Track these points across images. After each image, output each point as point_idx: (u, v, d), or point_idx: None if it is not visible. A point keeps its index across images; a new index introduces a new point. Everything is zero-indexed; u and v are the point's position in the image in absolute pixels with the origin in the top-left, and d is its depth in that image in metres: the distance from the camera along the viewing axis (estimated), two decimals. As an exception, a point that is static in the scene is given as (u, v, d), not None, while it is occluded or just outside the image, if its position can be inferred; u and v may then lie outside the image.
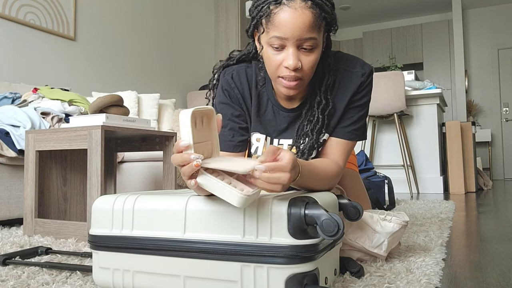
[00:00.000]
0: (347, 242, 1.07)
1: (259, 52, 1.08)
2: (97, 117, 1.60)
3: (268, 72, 1.06)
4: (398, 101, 3.59)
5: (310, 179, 0.95)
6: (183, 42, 4.90)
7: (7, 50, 2.88)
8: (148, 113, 3.26)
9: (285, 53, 0.99)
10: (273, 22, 0.97)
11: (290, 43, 0.97)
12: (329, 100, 1.10)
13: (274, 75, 1.04)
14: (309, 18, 0.95)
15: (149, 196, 0.90)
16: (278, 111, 1.16)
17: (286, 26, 0.95)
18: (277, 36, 0.97)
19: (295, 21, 0.95)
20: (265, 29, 1.00)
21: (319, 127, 1.10)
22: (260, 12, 1.00)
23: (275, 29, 0.97)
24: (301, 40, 0.97)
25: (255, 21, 1.03)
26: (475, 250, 1.32)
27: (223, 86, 1.19)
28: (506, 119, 6.78)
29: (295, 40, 0.96)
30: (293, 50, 0.98)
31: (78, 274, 1.03)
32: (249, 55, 1.19)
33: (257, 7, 1.01)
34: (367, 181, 2.51)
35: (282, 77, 1.02)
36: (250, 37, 1.11)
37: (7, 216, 1.94)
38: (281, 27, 0.96)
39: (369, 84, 1.13)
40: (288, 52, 0.98)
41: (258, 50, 1.08)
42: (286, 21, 0.95)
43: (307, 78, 1.04)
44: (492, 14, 6.94)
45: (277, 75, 1.03)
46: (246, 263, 0.77)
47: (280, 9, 0.96)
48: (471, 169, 3.86)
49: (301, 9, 0.95)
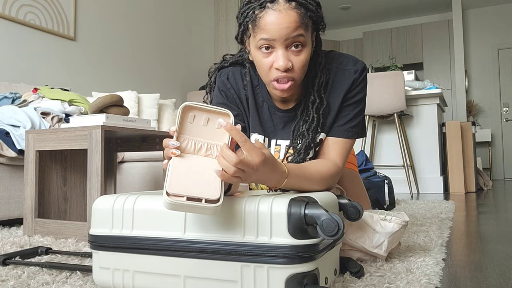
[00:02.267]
0: (347, 242, 1.07)
1: (249, 58, 1.09)
2: (97, 117, 1.60)
3: (261, 76, 1.07)
4: (398, 101, 3.59)
5: (302, 181, 0.95)
6: (183, 42, 4.90)
7: (7, 50, 2.88)
8: (148, 113, 3.26)
9: (274, 55, 1.00)
10: (259, 25, 0.98)
11: (278, 44, 0.98)
12: (323, 99, 1.11)
13: (266, 79, 1.05)
14: (294, 17, 0.96)
15: (149, 196, 0.90)
16: (274, 112, 1.16)
17: (272, 28, 0.96)
18: (265, 38, 0.98)
19: (280, 21, 0.96)
20: (251, 34, 1.01)
21: (314, 126, 1.10)
22: (246, 18, 1.01)
23: (261, 32, 0.98)
24: (288, 39, 0.97)
25: (242, 27, 1.05)
26: (475, 250, 1.32)
27: (220, 87, 1.20)
28: (506, 119, 6.78)
29: (282, 40, 0.97)
30: (282, 51, 0.98)
31: (78, 274, 1.03)
32: (241, 59, 1.21)
33: (243, 14, 1.03)
34: (367, 181, 2.51)
35: (275, 80, 1.02)
36: (240, 43, 1.12)
37: (7, 216, 1.94)
38: (267, 29, 0.97)
39: (362, 81, 1.13)
40: (278, 54, 0.99)
41: (250, 57, 1.08)
42: (272, 23, 0.96)
43: (299, 78, 1.04)
44: (492, 14, 6.94)
45: (269, 78, 1.03)
46: (246, 263, 0.77)
47: (265, 13, 0.97)
48: (471, 169, 3.86)
49: (285, 11, 0.96)
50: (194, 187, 0.74)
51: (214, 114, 0.80)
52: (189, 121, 0.79)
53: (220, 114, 0.80)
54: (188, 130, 0.79)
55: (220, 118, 0.80)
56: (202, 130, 0.80)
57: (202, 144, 0.80)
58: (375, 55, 7.44)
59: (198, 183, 0.75)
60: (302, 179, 0.96)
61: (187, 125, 0.79)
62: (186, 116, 0.79)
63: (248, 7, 1.01)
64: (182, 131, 0.79)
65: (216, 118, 0.81)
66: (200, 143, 0.81)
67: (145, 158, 2.48)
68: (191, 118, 0.79)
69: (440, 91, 3.79)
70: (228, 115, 0.80)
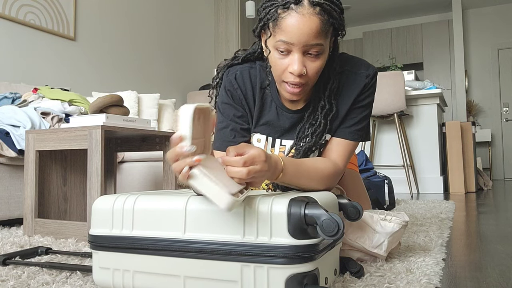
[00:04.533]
0: (347, 242, 1.07)
1: (265, 55, 1.08)
2: (97, 117, 1.60)
3: (274, 75, 1.06)
4: (398, 101, 3.59)
5: (299, 176, 0.96)
6: (183, 42, 4.90)
7: (7, 50, 2.88)
8: (148, 113, 3.26)
9: (290, 58, 0.99)
10: (280, 26, 0.96)
11: (296, 49, 0.97)
12: (332, 105, 1.10)
13: (279, 79, 1.04)
14: (316, 24, 0.94)
15: (149, 196, 0.90)
16: (282, 112, 1.15)
17: (293, 31, 0.94)
18: (284, 41, 0.96)
19: (302, 26, 0.94)
20: (272, 33, 1.00)
21: (320, 131, 1.09)
22: (268, 15, 0.99)
23: (281, 33, 0.96)
24: (307, 46, 0.96)
25: (262, 23, 1.02)
26: (475, 250, 1.32)
27: (226, 86, 1.18)
28: (506, 119, 6.78)
29: (301, 45, 0.96)
30: (299, 56, 0.97)
31: (78, 274, 1.03)
32: (254, 54, 1.19)
33: (265, 9, 1.00)
34: (367, 181, 2.51)
35: (286, 82, 1.02)
36: (256, 37, 1.11)
37: (7, 216, 1.94)
38: (287, 32, 0.95)
39: (373, 85, 1.13)
40: (294, 58, 0.98)
41: (265, 53, 1.07)
42: (293, 27, 0.94)
43: (312, 83, 1.04)
44: (492, 14, 6.94)
45: (282, 79, 1.03)
46: (246, 263, 0.77)
47: (287, 14, 0.95)
48: (471, 169, 3.86)
49: (309, 15, 0.94)
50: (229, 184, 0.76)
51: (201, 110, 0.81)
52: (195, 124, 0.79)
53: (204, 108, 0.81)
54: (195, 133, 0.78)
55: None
56: (199, 129, 0.80)
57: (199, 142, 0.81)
58: (375, 55, 7.44)
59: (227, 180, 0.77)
60: (299, 172, 0.96)
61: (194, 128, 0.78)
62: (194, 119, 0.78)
63: (272, 4, 0.98)
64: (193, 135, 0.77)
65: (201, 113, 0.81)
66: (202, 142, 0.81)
67: (145, 158, 2.48)
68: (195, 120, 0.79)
69: (440, 91, 3.79)
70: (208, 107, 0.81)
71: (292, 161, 0.95)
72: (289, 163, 0.93)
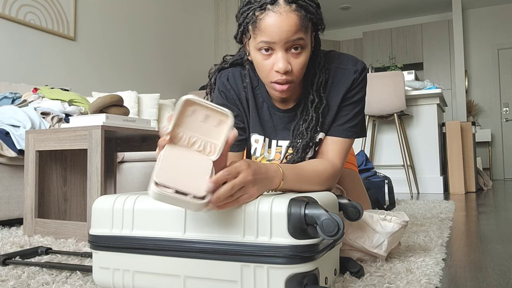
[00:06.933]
0: (347, 242, 1.07)
1: (249, 58, 1.09)
2: (97, 117, 1.60)
3: (260, 77, 1.07)
4: (398, 101, 3.59)
5: (300, 181, 0.96)
6: (183, 42, 4.90)
7: (7, 50, 2.88)
8: (148, 113, 3.26)
9: (274, 57, 1.00)
10: (260, 27, 0.98)
11: (278, 47, 0.98)
12: (322, 98, 1.11)
13: (266, 80, 1.05)
14: (294, 21, 0.96)
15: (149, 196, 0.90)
16: (274, 112, 1.16)
17: (273, 30, 0.96)
18: (265, 41, 0.98)
19: (281, 24, 0.95)
20: (252, 35, 1.01)
21: (313, 125, 1.10)
22: (246, 19, 1.01)
23: (262, 34, 0.98)
24: (288, 42, 0.97)
25: (242, 28, 1.04)
26: (475, 250, 1.32)
27: (219, 88, 1.20)
28: (506, 119, 6.78)
29: (282, 43, 0.97)
30: (282, 54, 0.98)
31: (78, 274, 1.03)
32: (241, 59, 1.21)
33: (243, 14, 1.02)
34: (367, 181, 2.51)
35: (274, 82, 1.02)
36: (239, 43, 1.12)
37: (7, 216, 1.94)
38: (267, 32, 0.96)
39: (362, 81, 1.13)
40: (278, 56, 0.99)
41: (249, 57, 1.08)
42: (272, 26, 0.96)
43: (298, 80, 1.04)
44: (492, 14, 6.94)
45: (269, 80, 1.03)
46: (246, 263, 0.77)
47: (265, 15, 0.97)
48: (471, 169, 3.86)
49: (286, 13, 0.96)
50: (182, 180, 0.74)
51: (214, 112, 0.80)
52: (187, 114, 0.79)
53: (220, 113, 0.80)
54: (185, 124, 0.79)
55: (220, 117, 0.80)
56: (199, 126, 0.80)
57: (197, 140, 0.80)
58: (375, 55, 7.44)
59: (187, 177, 0.75)
60: (299, 178, 0.96)
61: (185, 118, 0.79)
62: (186, 109, 0.79)
63: (248, 7, 1.00)
64: (179, 123, 0.79)
65: (215, 116, 0.81)
66: (194, 138, 0.80)
67: (145, 158, 2.48)
68: (190, 112, 0.79)
69: (440, 91, 3.79)
70: (227, 115, 0.80)
71: (291, 167, 0.95)
72: (288, 170, 0.93)
